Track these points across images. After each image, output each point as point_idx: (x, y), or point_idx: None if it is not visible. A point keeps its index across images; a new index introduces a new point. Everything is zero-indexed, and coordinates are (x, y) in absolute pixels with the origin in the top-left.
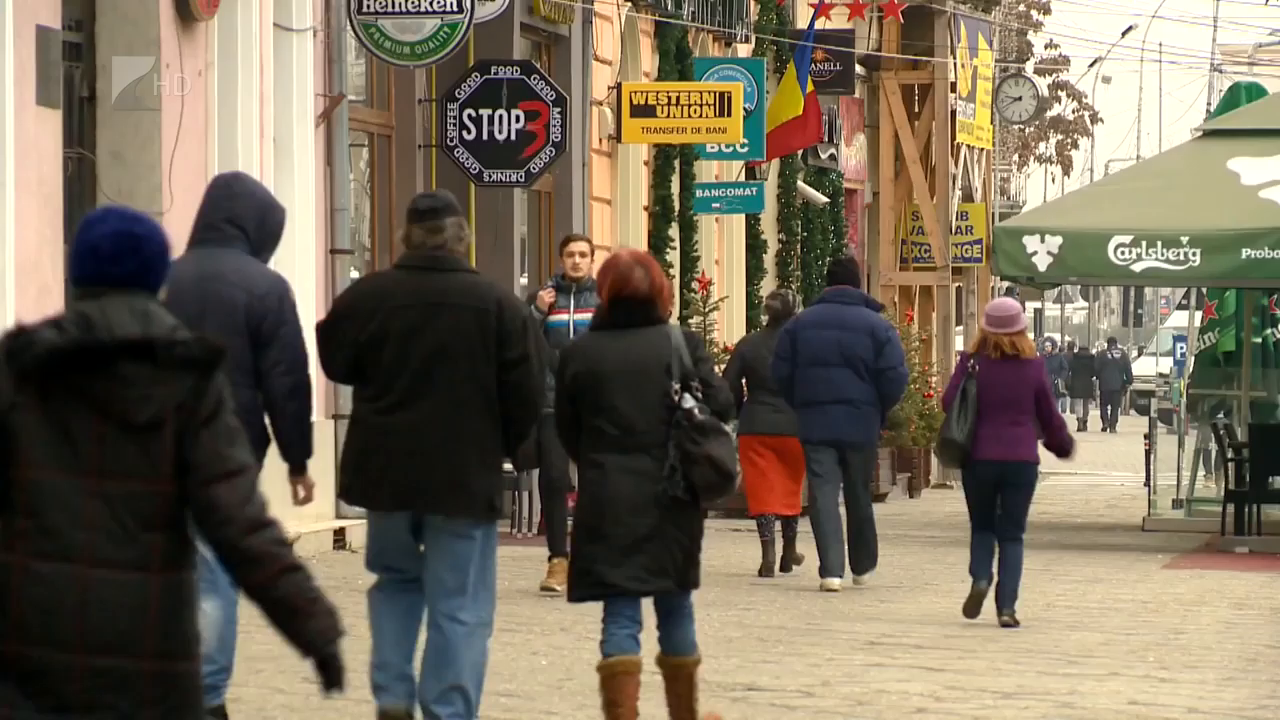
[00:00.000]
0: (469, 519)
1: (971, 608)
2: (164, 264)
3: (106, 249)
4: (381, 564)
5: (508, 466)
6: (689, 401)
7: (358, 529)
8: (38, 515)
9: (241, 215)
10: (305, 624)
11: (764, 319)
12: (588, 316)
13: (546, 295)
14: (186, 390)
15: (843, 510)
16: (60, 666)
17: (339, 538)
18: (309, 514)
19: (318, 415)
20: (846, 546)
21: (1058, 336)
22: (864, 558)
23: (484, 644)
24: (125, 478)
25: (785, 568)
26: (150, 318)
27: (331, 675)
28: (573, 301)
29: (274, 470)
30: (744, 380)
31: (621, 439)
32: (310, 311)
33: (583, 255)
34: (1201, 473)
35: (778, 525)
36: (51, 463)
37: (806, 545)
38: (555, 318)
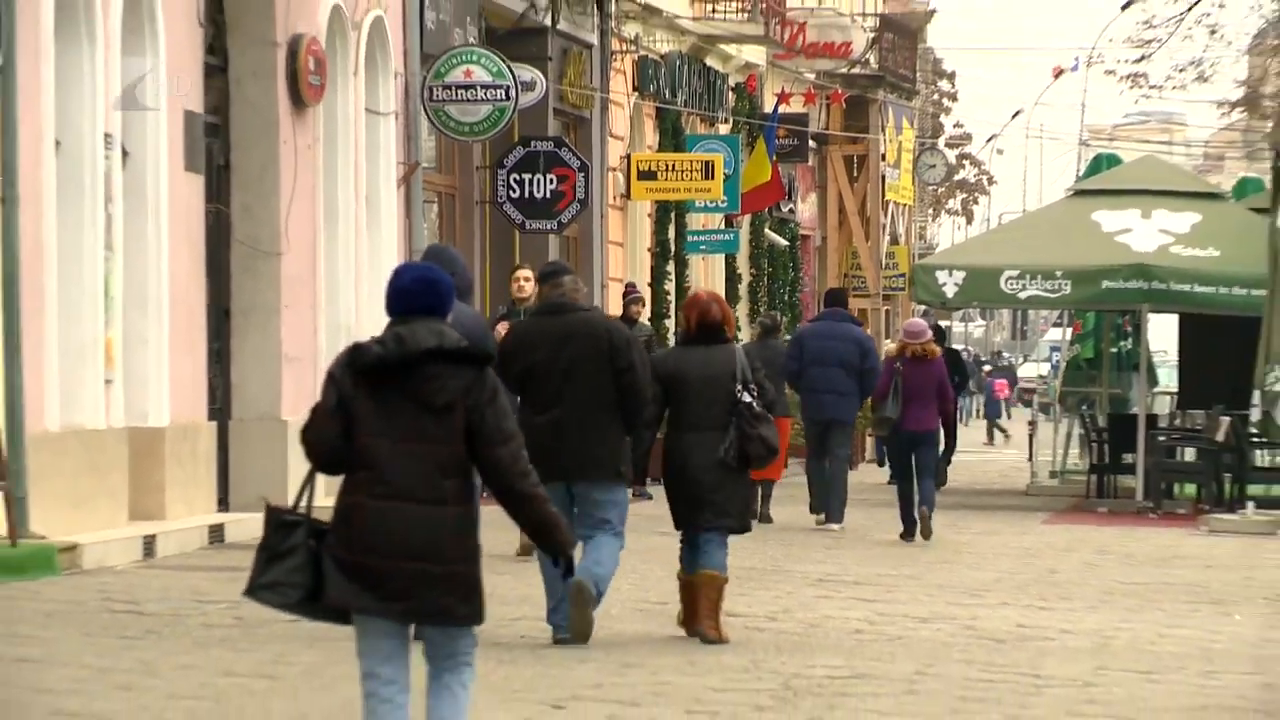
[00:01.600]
0: (607, 481)
1: (907, 535)
2: (450, 299)
3: (412, 290)
4: None
5: None
6: (747, 398)
7: None
8: (371, 468)
9: (453, 274)
10: (552, 535)
11: (755, 332)
12: None
13: (502, 328)
14: (469, 381)
15: None
16: (387, 569)
17: None
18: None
19: None
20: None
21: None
22: (836, 507)
23: (619, 547)
24: (429, 442)
25: (764, 520)
26: (442, 334)
27: (568, 567)
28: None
29: None
30: None
31: (697, 422)
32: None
33: (527, 280)
34: (1074, 450)
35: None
36: (380, 433)
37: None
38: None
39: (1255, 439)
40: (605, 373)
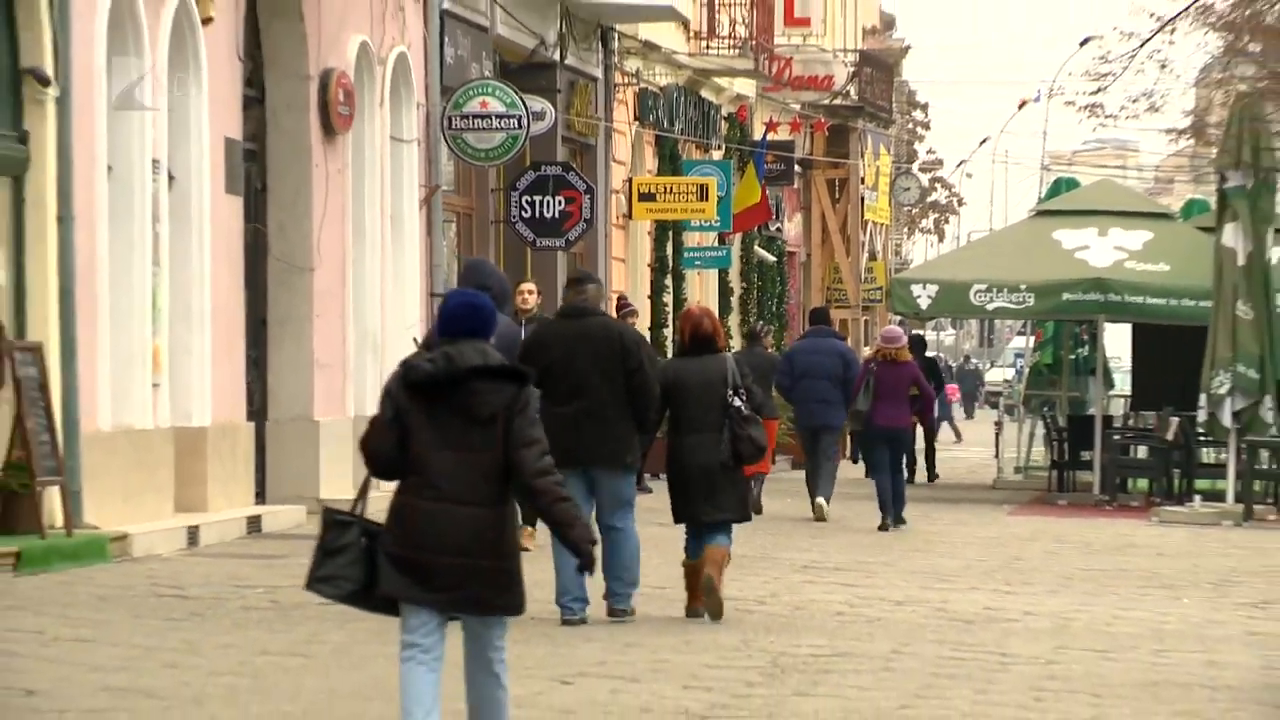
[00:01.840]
0: (617, 469)
1: (883, 527)
2: (493, 322)
3: (459, 314)
4: None
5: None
6: (737, 402)
7: None
8: (422, 474)
9: (489, 285)
10: (569, 532)
11: (743, 341)
12: None
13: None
14: (510, 396)
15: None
16: (437, 564)
17: None
18: None
19: None
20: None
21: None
22: (829, 490)
23: (634, 542)
24: (474, 451)
25: (756, 510)
26: (486, 353)
27: (586, 563)
28: (524, 330)
29: None
30: None
31: (695, 425)
32: (417, 333)
33: (530, 292)
34: (1036, 448)
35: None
36: (430, 442)
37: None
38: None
39: (1202, 438)
40: (618, 372)
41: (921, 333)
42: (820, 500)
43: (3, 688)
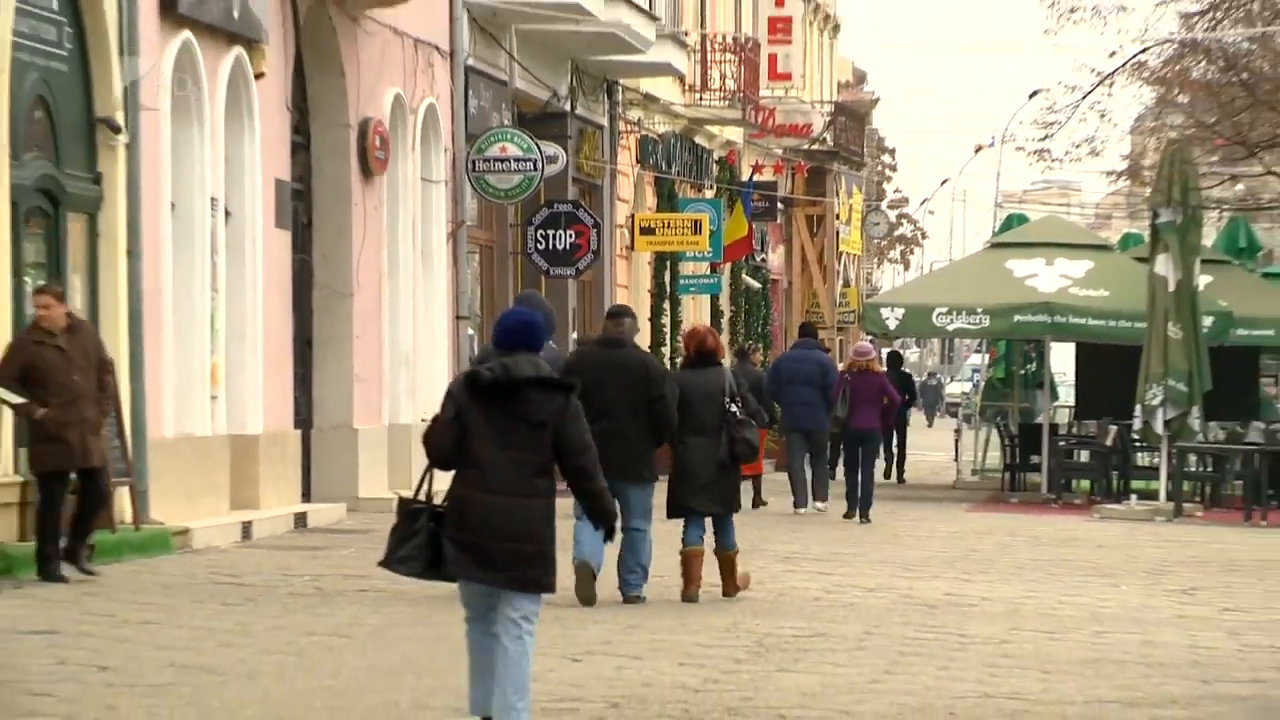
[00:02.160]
0: (638, 481)
1: (850, 514)
2: (543, 338)
3: (515, 329)
4: None
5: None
6: (734, 408)
7: None
8: (480, 469)
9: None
10: (608, 519)
11: (734, 358)
12: None
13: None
14: (559, 404)
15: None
16: (493, 548)
17: None
18: None
19: None
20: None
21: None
22: (823, 491)
23: (649, 542)
24: (525, 450)
25: (755, 505)
26: (538, 365)
27: (609, 534)
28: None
29: None
30: None
31: (698, 428)
32: (444, 351)
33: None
34: (991, 452)
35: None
36: (487, 442)
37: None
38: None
39: (1137, 443)
40: (642, 399)
41: (900, 352)
42: (806, 490)
43: (79, 664)
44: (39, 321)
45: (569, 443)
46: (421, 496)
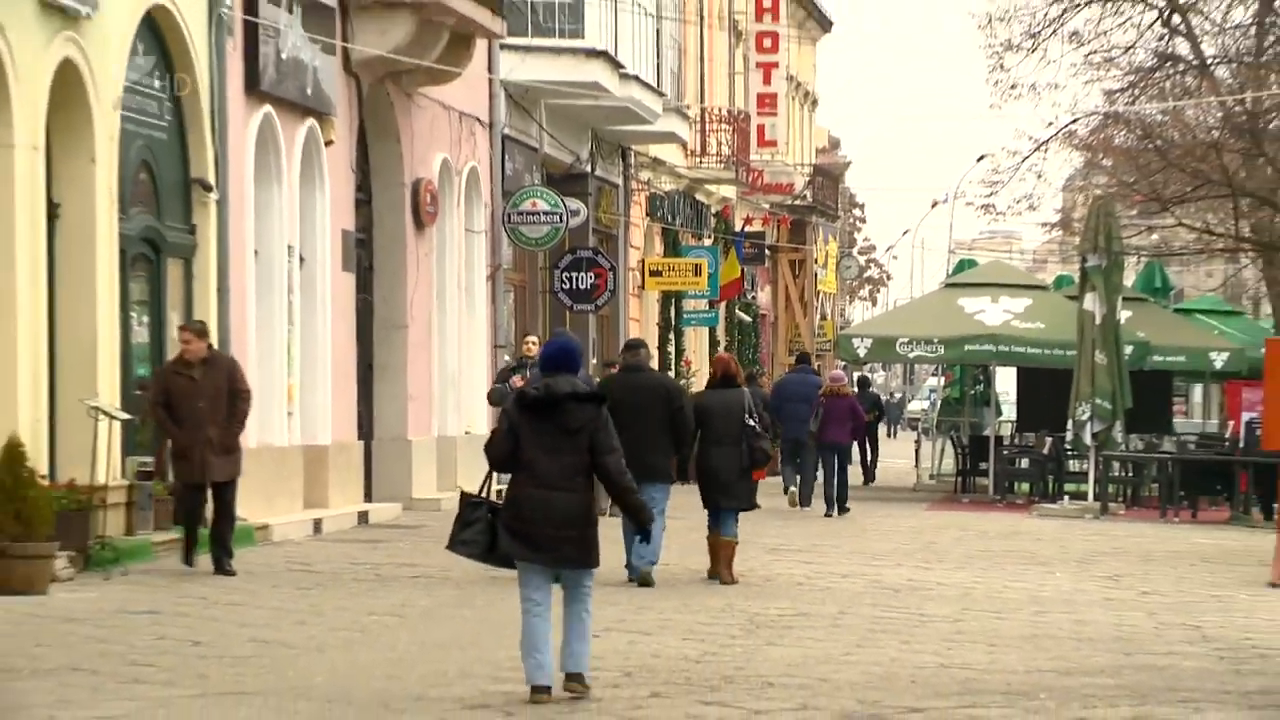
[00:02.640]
0: (658, 482)
1: (829, 514)
2: (579, 362)
3: (556, 356)
4: None
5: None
6: (752, 422)
7: None
8: (531, 470)
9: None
10: (637, 514)
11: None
12: None
13: (518, 380)
14: (592, 414)
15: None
16: (543, 534)
17: None
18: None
19: None
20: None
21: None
22: (806, 495)
23: (661, 532)
24: (567, 453)
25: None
26: (575, 384)
27: (645, 533)
28: (529, 373)
29: None
30: None
31: (720, 439)
32: (483, 375)
33: (534, 343)
34: (946, 460)
35: None
36: (536, 447)
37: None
38: (520, 386)
39: (1069, 452)
40: (663, 412)
41: (867, 375)
42: (793, 490)
43: (176, 639)
44: (181, 353)
45: (598, 445)
46: (483, 494)
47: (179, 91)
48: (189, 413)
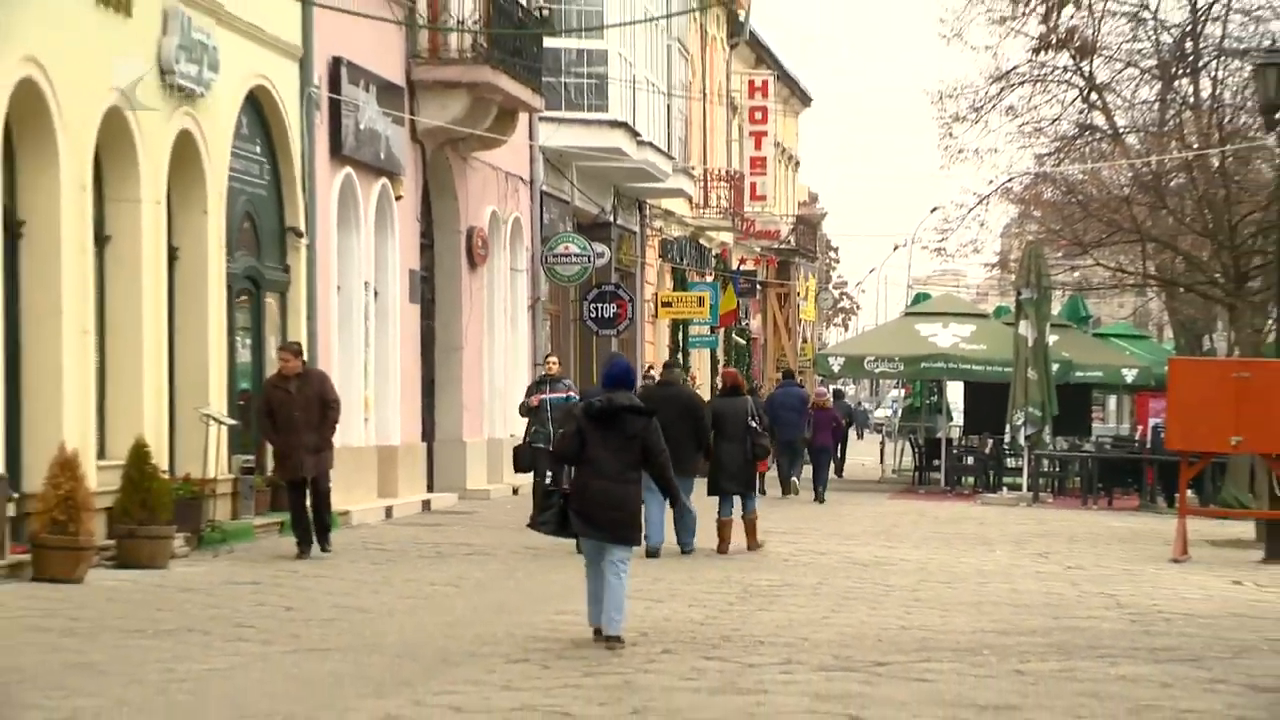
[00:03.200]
0: (686, 474)
1: (816, 500)
2: (633, 381)
3: (616, 375)
4: None
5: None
6: (753, 424)
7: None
8: (594, 464)
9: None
10: (676, 498)
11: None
12: (558, 396)
13: (533, 400)
14: (644, 424)
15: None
16: (597, 514)
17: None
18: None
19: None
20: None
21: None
22: (791, 483)
23: (693, 514)
24: (623, 452)
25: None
26: (631, 399)
27: (674, 503)
28: (549, 387)
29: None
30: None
31: (729, 437)
32: (524, 389)
33: (554, 362)
34: (906, 458)
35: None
36: (598, 446)
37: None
38: (544, 397)
39: (1007, 451)
40: (688, 420)
41: (841, 388)
42: (794, 480)
43: (273, 605)
44: (279, 370)
45: (650, 449)
46: (557, 485)
47: (295, 245)
48: (286, 420)
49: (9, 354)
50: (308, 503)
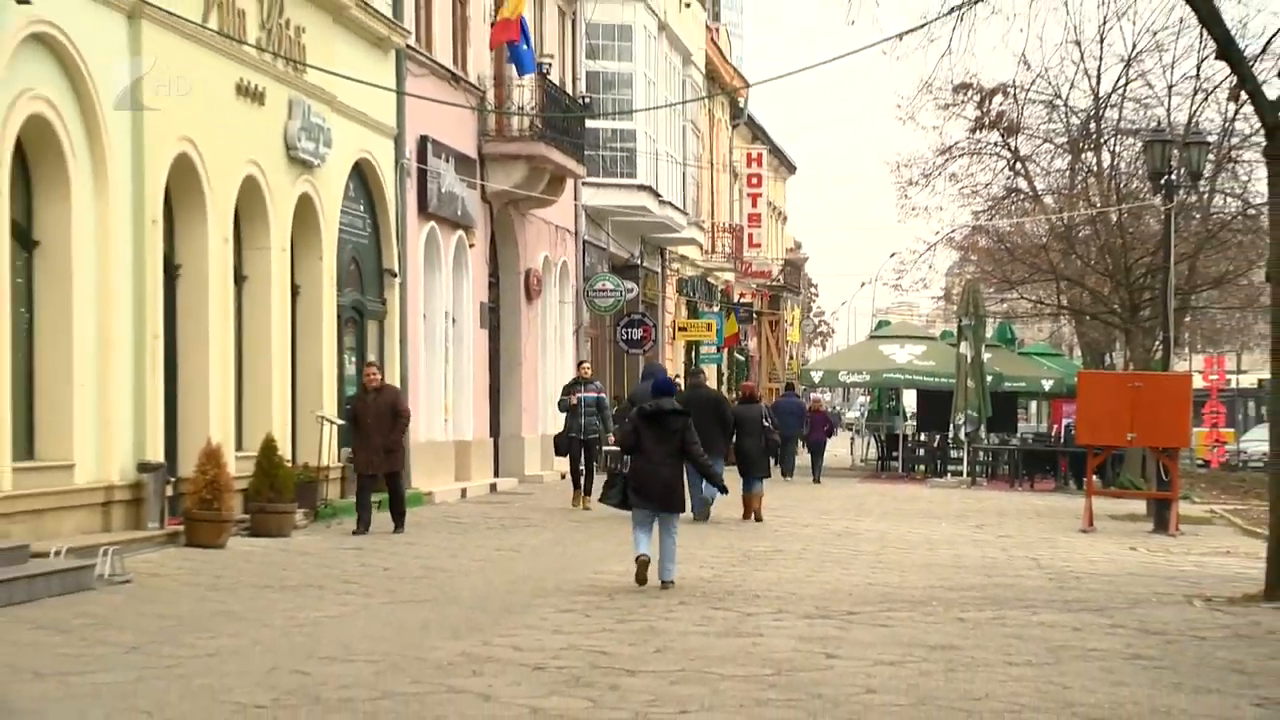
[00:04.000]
0: (715, 456)
1: (816, 480)
2: (674, 390)
3: (662, 385)
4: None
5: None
6: (767, 424)
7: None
8: (645, 453)
9: (659, 373)
10: (715, 480)
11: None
12: (590, 395)
13: (572, 399)
14: (683, 423)
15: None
16: (651, 490)
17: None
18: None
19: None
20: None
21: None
22: (791, 471)
23: (715, 491)
24: (667, 445)
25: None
26: (674, 404)
27: (720, 487)
28: (583, 388)
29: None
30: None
31: (749, 434)
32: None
33: (586, 369)
34: (871, 451)
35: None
36: (650, 440)
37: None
38: (580, 396)
39: (951, 445)
40: (715, 416)
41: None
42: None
43: (372, 566)
44: (364, 382)
45: (688, 440)
46: (619, 469)
47: (390, 283)
48: (363, 424)
49: (168, 369)
50: (372, 494)
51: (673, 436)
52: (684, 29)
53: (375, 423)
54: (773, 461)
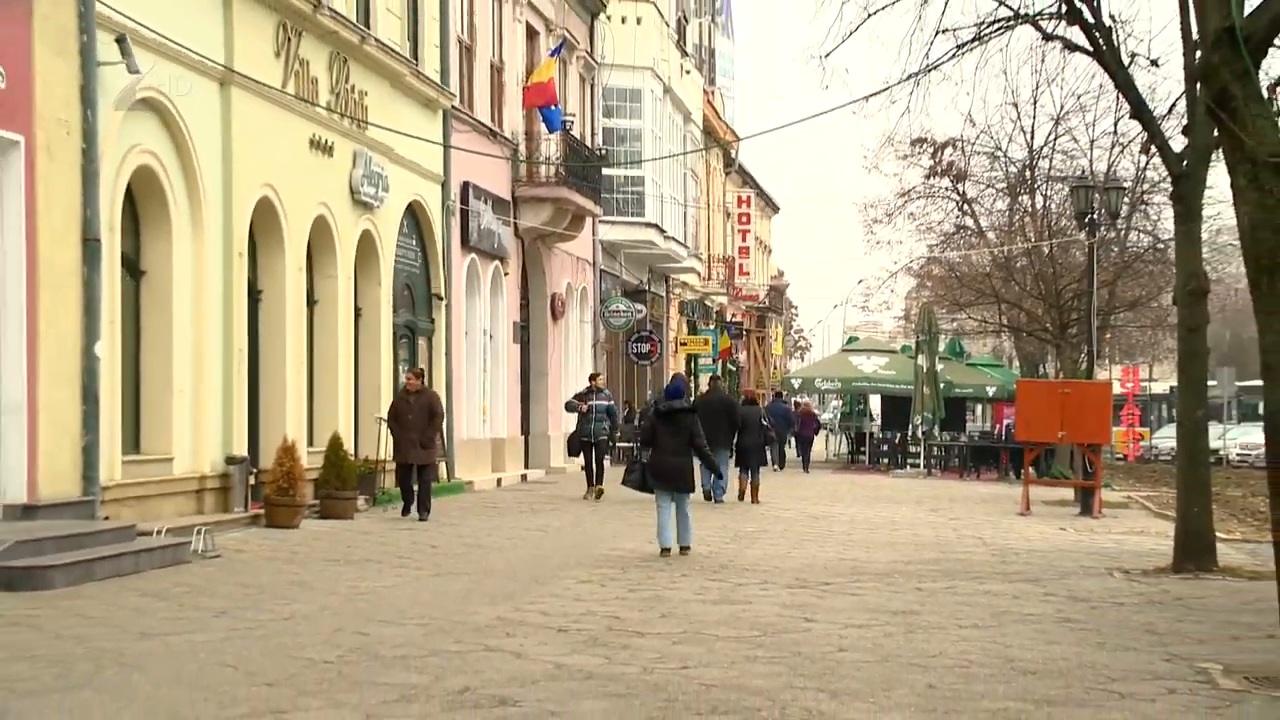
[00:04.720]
0: (722, 450)
1: (805, 469)
2: (685, 394)
3: (675, 391)
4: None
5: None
6: (765, 422)
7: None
8: (660, 447)
9: (681, 383)
10: (716, 469)
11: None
12: (601, 403)
13: (583, 405)
14: (691, 420)
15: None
16: (666, 476)
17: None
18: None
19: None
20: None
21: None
22: (781, 462)
23: (726, 479)
24: (678, 439)
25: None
26: (683, 404)
27: (718, 475)
28: (594, 396)
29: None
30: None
31: (750, 431)
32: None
33: (600, 380)
34: (844, 447)
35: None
36: (664, 434)
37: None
38: (592, 403)
39: (910, 441)
40: (725, 417)
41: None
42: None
43: (420, 544)
44: (406, 386)
45: (695, 434)
46: (639, 457)
47: (438, 305)
48: (403, 422)
49: (251, 377)
50: (414, 483)
51: (682, 431)
52: (685, 92)
53: (415, 421)
54: (768, 454)
